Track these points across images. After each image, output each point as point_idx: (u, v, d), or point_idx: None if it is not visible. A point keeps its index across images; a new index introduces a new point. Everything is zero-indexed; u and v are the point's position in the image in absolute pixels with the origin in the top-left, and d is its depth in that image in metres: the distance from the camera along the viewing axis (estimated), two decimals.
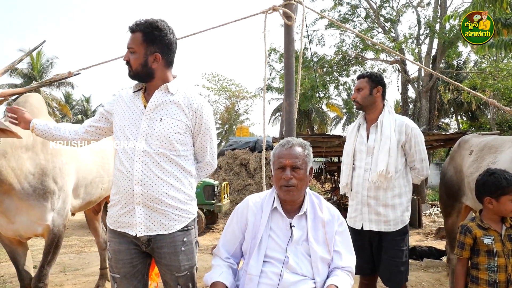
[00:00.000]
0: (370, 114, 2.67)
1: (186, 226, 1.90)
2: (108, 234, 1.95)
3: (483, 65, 14.79)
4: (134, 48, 1.84)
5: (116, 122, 1.97)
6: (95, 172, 3.46)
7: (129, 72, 1.89)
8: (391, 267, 2.54)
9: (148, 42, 1.83)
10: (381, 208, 2.54)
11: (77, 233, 8.78)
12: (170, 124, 1.85)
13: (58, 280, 4.61)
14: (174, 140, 1.85)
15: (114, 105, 2.02)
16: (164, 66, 1.90)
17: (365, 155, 2.61)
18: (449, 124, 27.57)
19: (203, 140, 1.98)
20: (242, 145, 12.94)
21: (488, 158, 3.15)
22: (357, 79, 2.72)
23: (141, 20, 1.86)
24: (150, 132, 1.84)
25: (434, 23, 12.99)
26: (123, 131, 1.90)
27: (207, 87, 28.31)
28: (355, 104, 2.69)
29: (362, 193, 2.59)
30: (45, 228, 2.78)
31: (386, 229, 2.54)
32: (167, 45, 1.87)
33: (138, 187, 1.80)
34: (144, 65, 1.85)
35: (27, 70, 26.73)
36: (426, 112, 13.41)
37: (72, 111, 32.91)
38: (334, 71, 15.11)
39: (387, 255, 2.54)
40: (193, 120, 1.91)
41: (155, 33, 1.83)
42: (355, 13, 15.05)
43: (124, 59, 1.89)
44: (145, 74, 1.87)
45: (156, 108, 1.87)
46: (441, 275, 5.12)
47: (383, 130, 2.56)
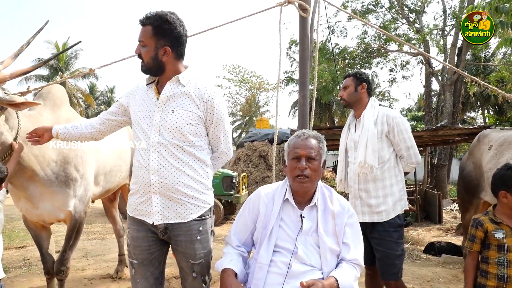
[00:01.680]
0: (357, 110, 2.78)
1: (202, 216, 1.95)
2: (128, 221, 2.02)
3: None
4: (144, 42, 1.86)
5: (132, 115, 2.03)
6: (114, 161, 3.57)
7: (142, 66, 1.92)
8: (384, 259, 2.58)
9: (158, 35, 1.84)
10: (372, 200, 2.61)
11: (100, 220, 9.05)
12: (182, 115, 1.88)
13: (80, 264, 4.79)
14: (187, 131, 1.88)
15: (130, 98, 2.07)
16: (174, 59, 1.91)
17: (353, 151, 2.72)
18: (475, 118, 26.78)
19: (216, 130, 1.99)
20: (261, 137, 12.96)
21: (507, 154, 3.09)
22: (343, 79, 2.85)
23: (151, 13, 1.86)
24: (163, 124, 1.88)
25: (461, 13, 12.58)
26: (139, 123, 1.96)
27: (228, 78, 28.40)
28: (342, 102, 2.82)
29: (354, 186, 2.70)
30: (67, 214, 2.90)
31: (378, 219, 2.60)
32: (177, 38, 1.88)
33: (155, 177, 1.86)
34: (154, 58, 1.87)
35: (53, 62, 27.44)
36: (450, 106, 13.06)
37: (96, 102, 33.67)
38: (356, 63, 14.88)
39: (380, 246, 2.58)
40: (204, 111, 1.93)
41: (165, 26, 1.83)
42: (379, 4, 14.73)
43: (136, 52, 1.91)
44: (156, 67, 1.90)
45: (168, 100, 1.91)
46: (459, 271, 5.05)
47: (364, 123, 2.65)
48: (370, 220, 2.61)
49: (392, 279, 2.58)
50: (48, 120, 2.76)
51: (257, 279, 1.80)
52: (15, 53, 2.45)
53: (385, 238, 2.59)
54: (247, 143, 12.86)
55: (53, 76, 26.94)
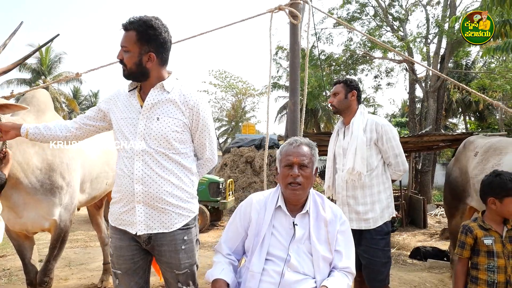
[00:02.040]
0: (346, 117, 2.78)
1: (186, 225, 1.91)
2: (110, 231, 1.97)
3: (492, 65, 14.62)
4: (128, 47, 1.81)
5: (114, 122, 1.96)
6: (100, 167, 3.50)
7: (124, 71, 1.86)
8: (370, 266, 2.59)
9: (143, 41, 1.79)
10: (360, 206, 2.62)
11: (83, 228, 8.86)
12: (167, 123, 1.85)
13: (63, 274, 4.67)
14: (172, 139, 1.85)
15: (111, 104, 2.01)
16: (158, 65, 1.87)
17: (342, 157, 2.73)
18: (457, 124, 27.34)
19: (201, 137, 1.96)
20: (248, 143, 12.95)
21: (492, 160, 3.14)
22: (333, 85, 2.84)
23: (135, 18, 1.81)
24: (147, 132, 1.84)
25: (443, 22, 12.87)
26: (121, 130, 1.90)
27: (214, 84, 28.32)
28: (332, 108, 2.82)
29: (342, 193, 2.71)
30: (52, 223, 2.82)
31: (366, 226, 2.61)
32: (162, 44, 1.84)
33: (139, 185, 1.82)
34: (138, 64, 1.82)
35: (36, 65, 26.99)
36: (433, 112, 13.30)
37: (79, 106, 33.14)
38: (342, 70, 15.04)
39: (367, 254, 2.59)
40: (190, 118, 1.89)
41: (149, 32, 1.79)
42: (364, 11, 14.96)
43: (118, 57, 1.85)
44: (139, 73, 1.85)
45: (153, 107, 1.86)
46: (445, 276, 5.10)
47: (353, 131, 2.67)
48: (358, 227, 2.61)
49: (379, 285, 2.60)
50: None
51: None
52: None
53: (371, 245, 2.60)
54: (234, 149, 12.83)
55: (36, 80, 26.44)
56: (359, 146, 2.60)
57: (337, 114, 2.86)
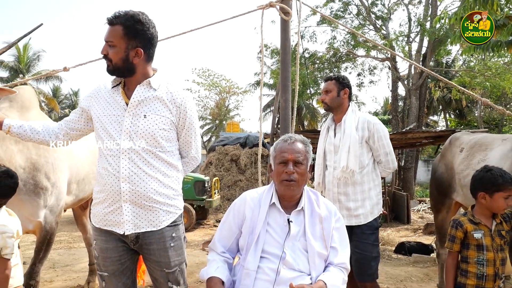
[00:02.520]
0: (337, 114, 2.78)
1: (174, 222, 1.89)
2: (94, 233, 1.91)
3: (471, 64, 14.97)
4: (114, 42, 1.76)
5: (95, 119, 1.91)
6: (88, 168, 3.42)
7: (108, 66, 1.82)
8: (361, 261, 2.62)
9: (130, 36, 1.76)
10: (351, 203, 2.65)
11: (66, 229, 8.69)
12: (154, 120, 1.82)
13: (47, 276, 4.56)
14: (159, 137, 1.83)
15: (92, 101, 1.95)
16: (145, 61, 1.84)
17: (333, 154, 2.73)
18: (437, 122, 27.90)
19: (187, 135, 1.95)
20: (232, 141, 12.91)
21: (478, 156, 3.21)
22: (325, 81, 2.81)
23: (121, 12, 1.78)
24: (134, 129, 1.81)
25: (425, 21, 13.10)
26: (105, 128, 1.86)
27: (198, 82, 28.18)
28: (324, 106, 2.81)
29: (333, 190, 2.71)
30: (36, 225, 2.74)
31: (356, 222, 2.65)
32: (149, 40, 1.81)
33: (126, 184, 1.78)
34: (125, 60, 1.78)
35: (14, 63, 26.26)
36: (415, 110, 13.54)
37: (59, 105, 32.43)
38: (326, 68, 15.16)
39: (357, 248, 2.61)
40: (177, 116, 1.88)
41: (137, 27, 1.76)
42: (347, 10, 15.09)
43: (102, 52, 1.81)
44: (125, 69, 1.81)
45: (139, 104, 1.83)
46: (430, 270, 5.21)
47: (345, 128, 2.68)
48: (349, 223, 2.63)
49: (368, 280, 2.63)
50: None
51: (245, 285, 1.76)
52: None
53: (362, 240, 2.63)
54: (219, 147, 12.77)
55: (14, 79, 25.71)
56: (352, 144, 2.62)
57: (329, 112, 2.85)
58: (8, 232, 2.08)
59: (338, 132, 2.73)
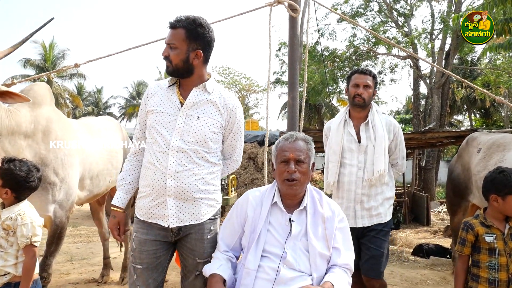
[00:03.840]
0: (361, 112, 2.64)
1: (214, 215, 1.99)
2: (136, 225, 1.97)
3: (498, 62, 14.48)
4: (175, 44, 1.86)
5: (150, 114, 1.97)
6: (102, 165, 3.48)
7: (168, 67, 1.91)
8: (376, 257, 2.57)
9: (191, 39, 1.86)
10: (372, 203, 2.59)
11: (86, 223, 8.89)
12: (207, 122, 1.91)
13: (64, 268, 4.68)
14: (209, 138, 1.91)
15: (148, 100, 2.00)
16: (202, 63, 1.94)
17: (356, 153, 2.61)
18: (462, 121, 27.17)
19: (233, 139, 2.04)
20: (250, 139, 12.89)
21: (496, 156, 3.10)
22: (361, 74, 2.61)
23: (182, 17, 1.88)
24: (186, 129, 1.88)
25: (448, 18, 12.74)
26: (157, 124, 1.92)
27: (218, 80, 28.31)
28: (359, 100, 2.58)
29: (356, 191, 2.59)
30: (46, 219, 2.80)
31: (378, 221, 2.60)
32: (209, 42, 1.91)
33: (171, 180, 1.85)
34: (185, 61, 1.88)
35: (40, 61, 27.08)
36: (437, 109, 13.19)
37: (83, 102, 33.26)
38: (346, 66, 14.96)
39: (373, 244, 2.58)
40: (227, 120, 1.97)
41: (199, 30, 1.86)
42: (368, 7, 14.84)
43: (163, 54, 1.91)
44: (185, 70, 1.90)
45: (194, 106, 1.91)
46: (447, 273, 5.07)
47: (375, 129, 2.59)
48: (370, 223, 2.59)
49: (380, 277, 2.59)
50: (25, 117, 2.66)
51: (245, 285, 1.76)
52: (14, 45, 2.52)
53: (380, 237, 2.59)
54: None
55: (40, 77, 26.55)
56: (386, 147, 2.57)
57: (359, 108, 2.63)
58: (37, 221, 2.19)
59: (363, 130, 2.61)
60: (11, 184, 2.15)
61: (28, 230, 2.11)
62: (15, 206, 2.17)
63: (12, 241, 2.13)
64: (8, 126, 2.52)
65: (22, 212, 2.15)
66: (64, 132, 2.93)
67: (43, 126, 2.77)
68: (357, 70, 2.68)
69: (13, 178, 2.14)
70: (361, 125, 2.63)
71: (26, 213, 2.16)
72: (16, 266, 2.14)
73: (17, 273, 2.14)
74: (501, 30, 4.41)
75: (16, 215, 2.13)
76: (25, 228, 2.11)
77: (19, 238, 2.10)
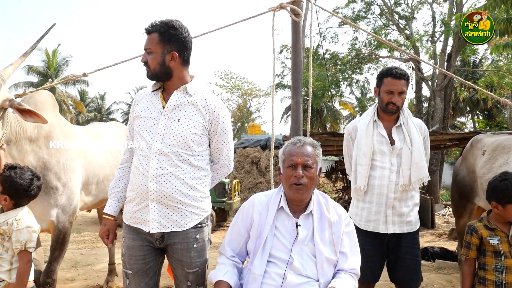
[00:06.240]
0: (390, 115, 2.50)
1: (199, 223, 1.94)
2: (124, 230, 1.98)
3: (500, 63, 14.45)
4: (151, 48, 1.88)
5: (136, 120, 2.00)
6: (108, 170, 3.48)
7: (147, 72, 1.94)
8: (412, 267, 2.45)
9: (165, 41, 1.87)
10: (404, 208, 2.45)
11: (90, 229, 8.91)
12: (187, 124, 1.90)
13: (69, 275, 4.68)
14: (191, 141, 1.89)
15: (137, 107, 2.04)
16: (181, 65, 1.93)
17: (388, 156, 2.46)
18: (465, 123, 27.08)
19: (219, 141, 2.01)
20: (253, 143, 12.93)
21: (500, 159, 3.08)
22: (395, 79, 2.40)
23: (157, 21, 1.90)
24: (167, 132, 1.88)
25: (450, 20, 12.75)
26: (141, 129, 1.94)
27: (220, 85, 28.33)
28: (393, 108, 2.42)
29: (388, 195, 2.44)
30: (49, 224, 2.81)
31: (408, 230, 2.45)
32: (183, 43, 1.91)
33: (153, 184, 1.84)
34: (162, 64, 1.88)
35: (43, 68, 27.22)
36: (440, 111, 13.16)
37: (86, 109, 33.40)
38: (348, 69, 14.96)
39: (409, 255, 2.45)
40: (209, 121, 1.95)
41: (171, 32, 1.87)
42: (370, 10, 14.87)
43: (142, 60, 1.93)
44: (163, 73, 1.91)
45: (175, 109, 1.91)
46: (453, 277, 5.04)
47: (411, 133, 2.46)
48: (400, 230, 2.44)
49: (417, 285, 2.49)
50: (28, 124, 2.68)
51: None
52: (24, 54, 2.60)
53: (414, 245, 2.48)
54: (239, 149, 12.81)
55: (43, 83, 26.61)
56: (424, 152, 2.48)
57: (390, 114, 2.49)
58: (33, 226, 2.18)
59: (395, 133, 2.49)
60: (10, 191, 2.15)
61: (24, 235, 2.11)
62: (12, 211, 2.17)
63: (7, 246, 2.13)
64: (17, 132, 2.57)
65: (18, 218, 2.15)
66: (65, 137, 2.95)
67: (46, 132, 2.80)
68: (391, 72, 2.43)
69: (12, 185, 2.14)
70: (392, 127, 2.49)
71: (22, 219, 2.16)
72: (10, 273, 2.13)
73: (10, 280, 2.12)
74: (503, 30, 4.40)
75: (12, 220, 2.13)
76: (21, 234, 2.10)
77: (14, 244, 2.10)
